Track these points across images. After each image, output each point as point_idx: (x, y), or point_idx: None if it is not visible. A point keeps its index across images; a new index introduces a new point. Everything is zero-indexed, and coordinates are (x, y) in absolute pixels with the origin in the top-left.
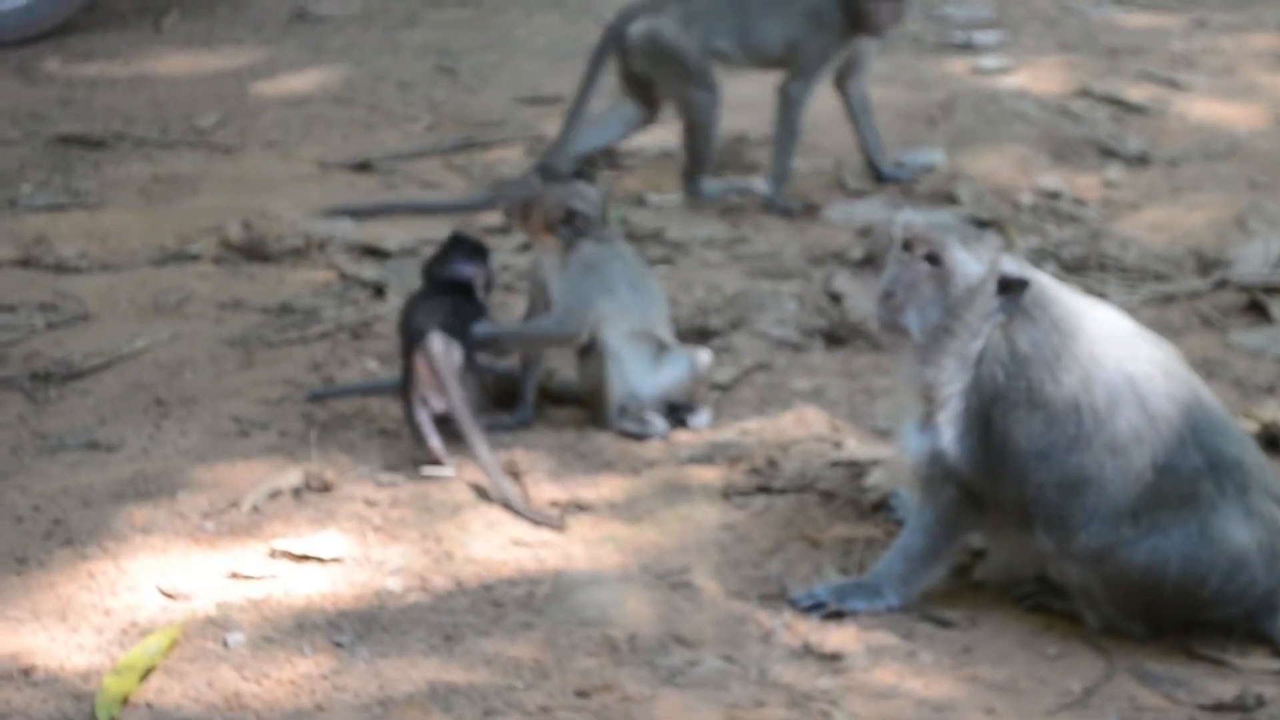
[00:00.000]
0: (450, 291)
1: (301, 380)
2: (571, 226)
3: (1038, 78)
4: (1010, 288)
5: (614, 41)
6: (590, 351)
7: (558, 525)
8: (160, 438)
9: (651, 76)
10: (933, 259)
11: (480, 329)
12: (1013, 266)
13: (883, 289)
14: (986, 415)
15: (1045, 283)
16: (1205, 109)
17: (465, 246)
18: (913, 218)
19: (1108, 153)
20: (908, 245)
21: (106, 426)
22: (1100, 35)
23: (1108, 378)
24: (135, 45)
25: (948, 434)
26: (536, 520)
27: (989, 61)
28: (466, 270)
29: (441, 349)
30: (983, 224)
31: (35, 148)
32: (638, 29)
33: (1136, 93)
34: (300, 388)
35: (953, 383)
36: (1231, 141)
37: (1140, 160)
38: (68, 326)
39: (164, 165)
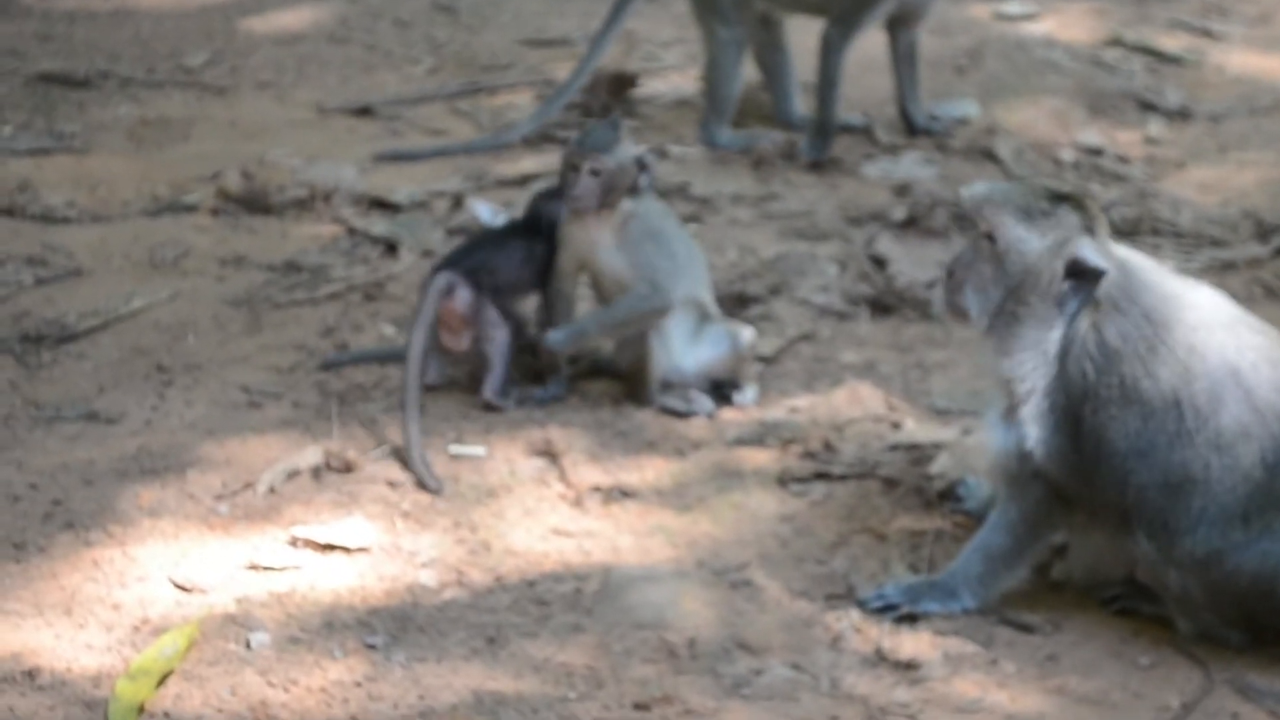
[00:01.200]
0: (535, 232)
1: (313, 346)
2: (638, 187)
3: (1065, 25)
4: (1083, 275)
5: None
6: None
7: (435, 489)
8: (165, 409)
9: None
10: (989, 235)
11: (557, 336)
12: (1089, 252)
13: (946, 267)
14: (1076, 414)
15: (1136, 265)
16: (1244, 60)
17: None
18: (976, 190)
19: (1146, 106)
20: (968, 220)
21: (106, 395)
22: None
23: (1209, 369)
24: None
25: (1032, 432)
26: (422, 482)
27: (1013, 7)
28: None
29: (441, 287)
30: (1060, 197)
31: (14, 87)
32: None
33: (1170, 42)
34: (312, 354)
35: (1032, 377)
36: (1275, 96)
37: (1181, 115)
38: (58, 283)
39: (152, 107)
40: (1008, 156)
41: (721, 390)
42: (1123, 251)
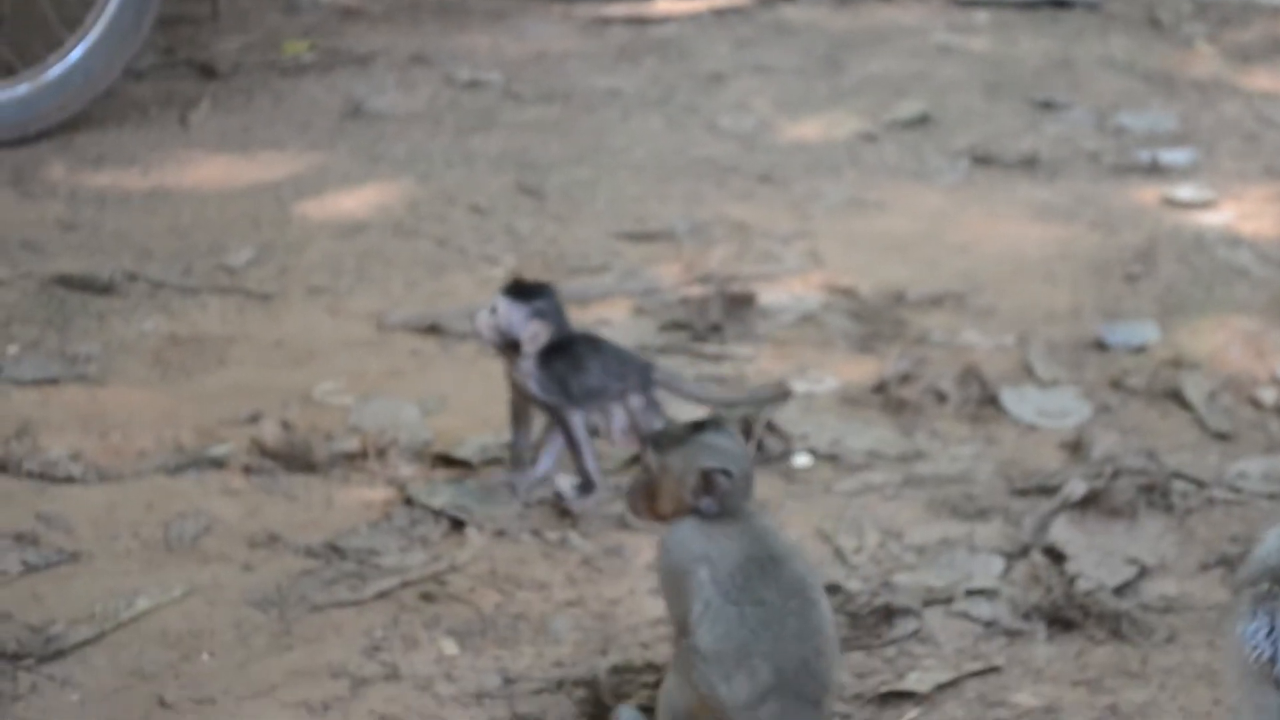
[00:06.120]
0: None
1: (355, 670)
2: (714, 496)
3: (1248, 215)
4: None
5: None
6: None
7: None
8: None
9: None
10: None
11: None
12: None
13: None
14: None
15: None
16: None
17: None
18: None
19: None
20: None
21: None
22: None
23: None
24: (157, 147)
25: None
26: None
27: (1184, 191)
28: None
29: None
30: None
31: (27, 291)
32: None
33: None
34: (355, 683)
35: None
36: None
37: None
38: (50, 571)
39: (185, 320)
40: (1199, 401)
41: None
42: None
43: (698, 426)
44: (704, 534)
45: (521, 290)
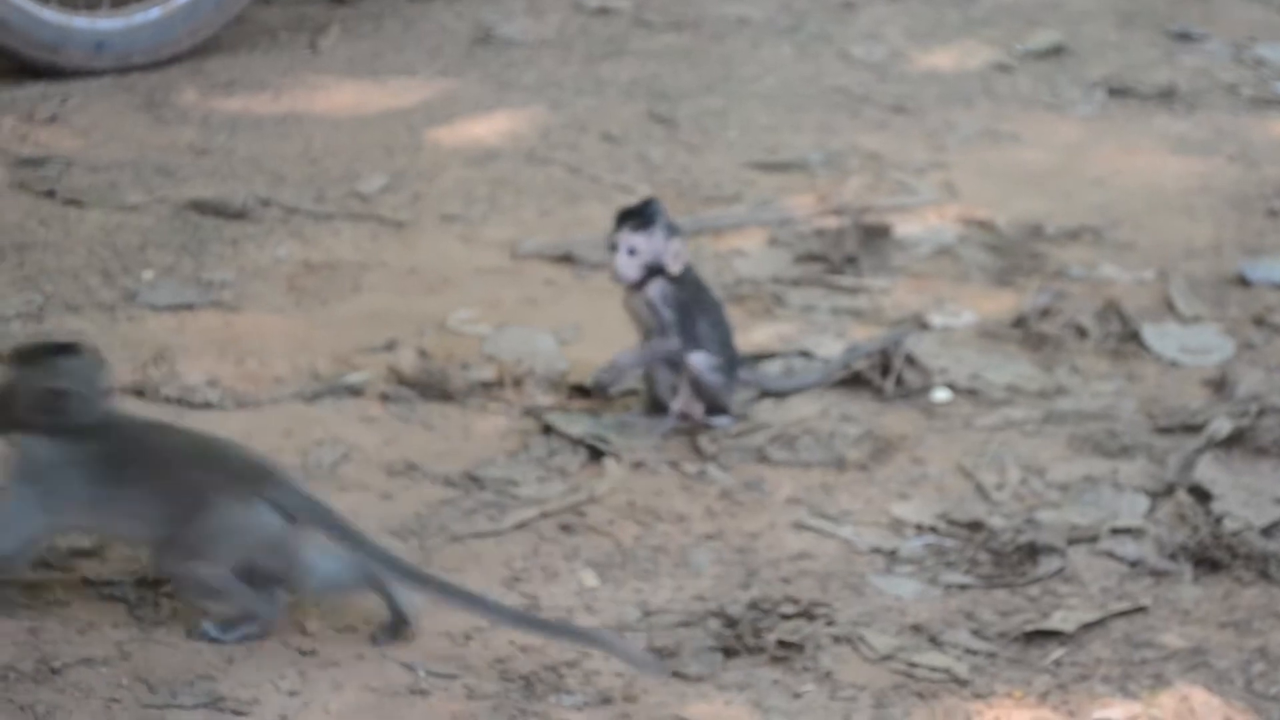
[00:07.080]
0: None
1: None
2: (56, 413)
3: None
4: None
5: None
6: None
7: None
8: (307, 694)
9: None
10: None
11: None
12: None
13: None
14: None
15: None
16: None
17: None
18: None
19: None
20: None
21: (235, 670)
22: None
23: None
24: (287, 72)
25: None
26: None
27: None
28: None
29: None
30: None
31: (161, 217)
32: None
33: None
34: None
35: None
36: None
37: None
38: None
39: (318, 246)
40: None
41: None
42: None
43: (58, 347)
44: (62, 442)
45: (641, 215)
